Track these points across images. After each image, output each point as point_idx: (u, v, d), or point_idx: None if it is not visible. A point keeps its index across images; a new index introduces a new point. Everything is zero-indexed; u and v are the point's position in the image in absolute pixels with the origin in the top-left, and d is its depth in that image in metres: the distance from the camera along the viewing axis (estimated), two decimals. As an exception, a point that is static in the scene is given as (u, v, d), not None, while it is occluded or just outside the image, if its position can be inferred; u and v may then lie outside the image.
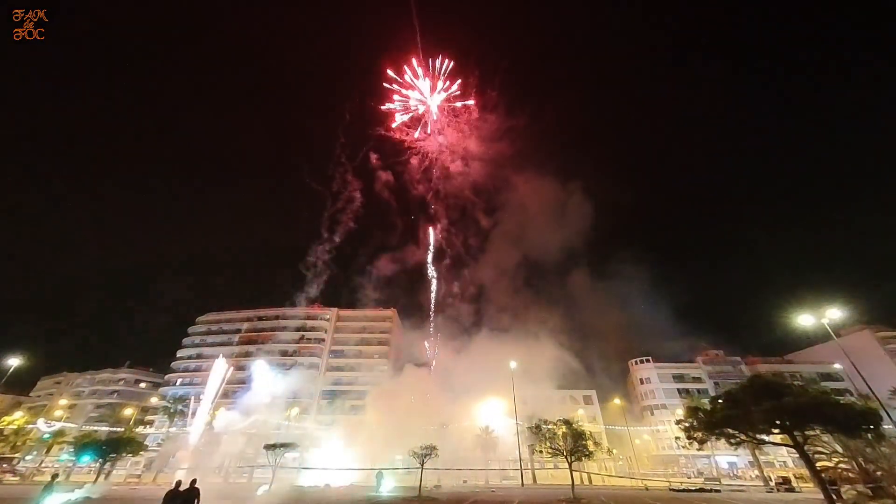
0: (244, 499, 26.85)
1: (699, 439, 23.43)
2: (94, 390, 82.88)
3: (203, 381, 79.13)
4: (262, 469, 42.49)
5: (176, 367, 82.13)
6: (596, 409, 69.94)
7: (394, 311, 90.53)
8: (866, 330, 71.41)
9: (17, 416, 60.64)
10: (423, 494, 27.61)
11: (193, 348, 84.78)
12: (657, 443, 68.44)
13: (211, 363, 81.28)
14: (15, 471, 51.10)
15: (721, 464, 58.76)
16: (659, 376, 73.80)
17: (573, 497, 25.36)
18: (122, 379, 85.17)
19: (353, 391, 74.52)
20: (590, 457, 28.77)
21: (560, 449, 28.54)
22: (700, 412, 24.35)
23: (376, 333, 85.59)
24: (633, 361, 79.30)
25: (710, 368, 74.34)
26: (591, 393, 72.31)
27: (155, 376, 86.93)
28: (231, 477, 49.57)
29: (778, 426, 20.49)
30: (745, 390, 22.95)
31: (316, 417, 71.02)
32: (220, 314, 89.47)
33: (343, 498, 28.02)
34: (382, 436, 53.34)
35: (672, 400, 69.18)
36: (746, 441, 22.85)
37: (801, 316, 26.02)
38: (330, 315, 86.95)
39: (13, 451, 55.45)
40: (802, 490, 35.43)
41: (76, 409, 78.13)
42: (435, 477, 41.09)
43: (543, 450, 29.61)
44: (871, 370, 50.37)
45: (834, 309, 24.71)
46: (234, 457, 53.84)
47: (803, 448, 20.47)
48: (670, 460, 64.06)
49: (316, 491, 33.93)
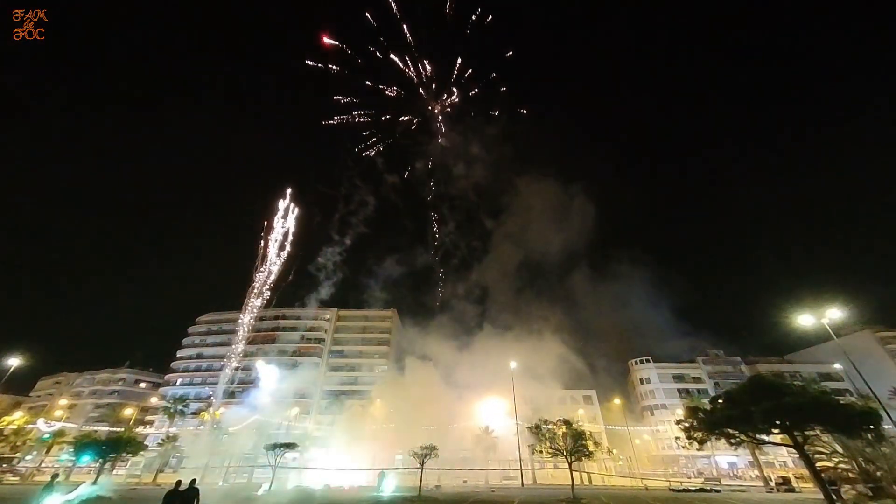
0: (245, 499, 26.84)
1: (699, 439, 23.38)
2: (94, 390, 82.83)
3: (203, 380, 79.26)
4: (263, 469, 42.49)
5: (176, 367, 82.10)
6: (596, 409, 69.88)
7: (394, 311, 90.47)
8: (866, 330, 71.34)
9: (17, 416, 60.55)
10: (423, 494, 27.61)
11: (193, 348, 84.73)
12: (657, 443, 68.41)
13: (211, 363, 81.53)
14: (15, 471, 51.08)
15: (721, 464, 58.73)
16: (659, 376, 73.76)
17: (573, 497, 25.35)
18: (122, 379, 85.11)
19: (354, 391, 74.50)
20: (590, 457, 28.77)
21: (560, 449, 28.54)
22: (700, 412, 24.33)
23: (376, 333, 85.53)
24: (633, 361, 79.25)
25: (710, 368, 74.31)
26: (591, 393, 72.26)
27: (155, 376, 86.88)
28: (231, 477, 49.54)
29: (778, 426, 20.46)
30: (745, 390, 22.93)
31: (316, 417, 71.00)
32: (220, 314, 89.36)
33: (343, 497, 28.02)
34: (382, 436, 53.40)
35: (672, 400, 69.14)
36: (746, 441, 22.83)
37: (801, 316, 25.94)
38: (330, 315, 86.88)
39: (13, 452, 55.40)
40: (802, 490, 35.40)
41: (76, 409, 78.04)
42: (435, 477, 41.09)
43: (543, 450, 29.59)
44: (871, 370, 50.33)
45: (834, 309, 24.62)
46: (233, 457, 53.83)
47: (803, 448, 20.44)
48: (670, 460, 64.05)
49: (317, 490, 33.91)
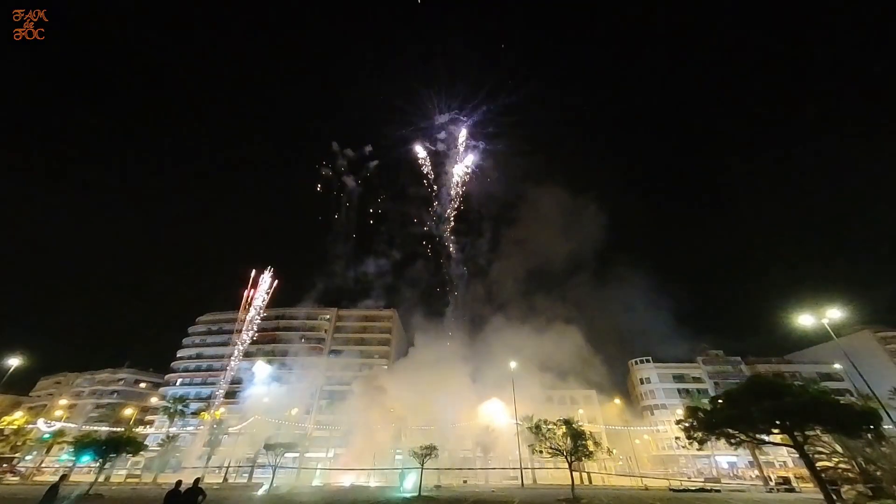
0: (246, 499, 26.84)
1: (699, 439, 23.34)
2: (94, 390, 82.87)
3: (203, 380, 79.26)
4: (263, 469, 42.57)
5: (176, 367, 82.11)
6: (596, 409, 69.89)
7: (394, 311, 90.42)
8: (866, 330, 71.37)
9: (17, 416, 60.55)
10: (423, 494, 27.60)
11: (193, 348, 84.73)
12: (657, 443, 68.44)
13: (211, 363, 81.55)
14: (15, 471, 51.08)
15: (721, 464, 58.75)
16: (659, 376, 73.79)
17: (573, 497, 25.35)
18: (122, 379, 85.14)
19: (353, 391, 74.41)
20: (590, 457, 28.72)
21: (560, 449, 28.52)
22: (700, 412, 24.29)
23: (376, 333, 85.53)
24: (633, 361, 79.28)
25: (710, 368, 74.32)
26: (591, 393, 72.25)
27: (155, 376, 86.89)
28: (231, 477, 49.56)
29: (778, 426, 20.44)
30: (745, 390, 22.90)
31: (316, 417, 71.00)
32: (220, 314, 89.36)
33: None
34: (382, 436, 53.39)
35: (672, 400, 69.14)
36: (746, 441, 22.80)
37: (801, 316, 25.94)
38: (330, 315, 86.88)
39: (13, 452, 55.39)
40: (802, 490, 35.43)
41: (76, 409, 78.06)
42: (435, 477, 41.12)
43: (543, 450, 29.57)
44: (871, 370, 50.38)
45: (834, 309, 24.63)
46: (233, 457, 53.86)
47: (803, 448, 20.42)
48: (670, 460, 64.07)
49: (316, 490, 33.93)
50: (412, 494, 27.92)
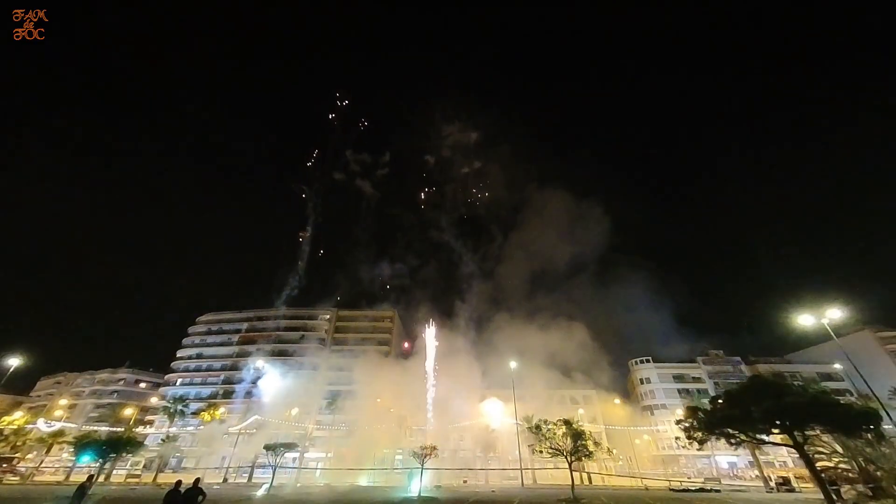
0: (246, 498, 26.83)
1: (699, 439, 23.35)
2: (94, 390, 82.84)
3: (203, 380, 79.24)
4: (263, 469, 42.56)
5: (176, 367, 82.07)
6: (596, 409, 69.85)
7: (394, 312, 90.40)
8: (866, 330, 71.24)
9: (18, 416, 60.53)
10: (423, 495, 27.61)
11: (193, 348, 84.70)
12: (657, 443, 68.36)
13: (211, 363, 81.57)
14: (15, 471, 51.04)
15: (721, 464, 58.70)
16: (659, 376, 73.73)
17: (573, 497, 25.35)
18: (122, 379, 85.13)
19: (354, 391, 74.40)
20: (590, 457, 28.74)
21: (560, 449, 28.52)
22: (700, 412, 24.30)
23: (376, 333, 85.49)
24: (633, 361, 79.20)
25: (710, 368, 74.23)
26: (592, 393, 72.20)
27: (155, 376, 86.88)
28: (231, 477, 49.55)
29: (778, 426, 20.44)
30: (745, 390, 22.89)
31: (316, 417, 70.95)
32: (220, 314, 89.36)
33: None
34: (383, 435, 53.40)
35: (672, 400, 69.08)
36: (746, 441, 22.79)
37: (801, 316, 25.90)
38: (330, 315, 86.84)
39: (13, 452, 55.35)
40: (802, 490, 35.38)
41: (76, 409, 78.07)
42: (435, 477, 41.10)
43: (543, 450, 29.57)
44: (871, 370, 50.33)
45: (834, 309, 24.59)
46: (233, 457, 53.84)
47: (803, 448, 20.42)
48: (670, 460, 63.99)
49: (318, 490, 33.94)
50: (412, 494, 27.92)
